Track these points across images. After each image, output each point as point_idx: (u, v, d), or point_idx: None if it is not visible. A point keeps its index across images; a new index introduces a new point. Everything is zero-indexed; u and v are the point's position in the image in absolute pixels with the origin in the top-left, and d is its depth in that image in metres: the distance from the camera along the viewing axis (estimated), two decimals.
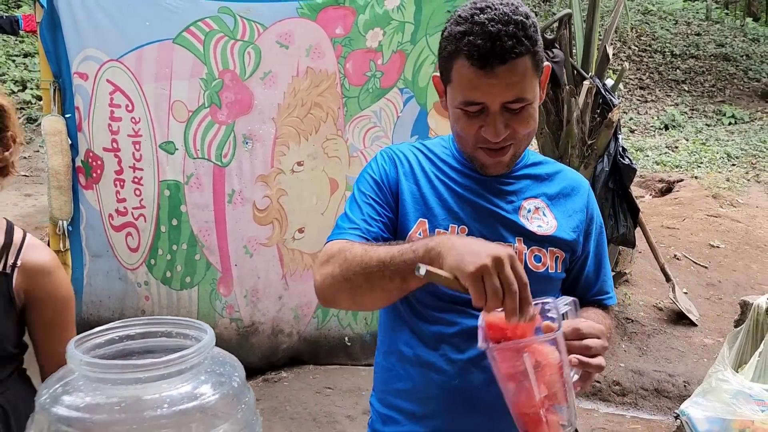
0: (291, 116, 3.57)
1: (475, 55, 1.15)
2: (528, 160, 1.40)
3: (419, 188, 1.34)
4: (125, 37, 3.47)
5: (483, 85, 1.17)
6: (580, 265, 1.41)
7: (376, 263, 1.15)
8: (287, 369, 3.64)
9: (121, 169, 3.55)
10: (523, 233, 1.32)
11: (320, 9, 3.52)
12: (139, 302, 3.63)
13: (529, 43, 1.17)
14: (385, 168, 1.37)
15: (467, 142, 1.27)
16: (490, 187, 1.34)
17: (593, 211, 1.42)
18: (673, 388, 3.65)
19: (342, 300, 1.26)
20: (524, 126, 1.24)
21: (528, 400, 1.06)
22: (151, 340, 1.12)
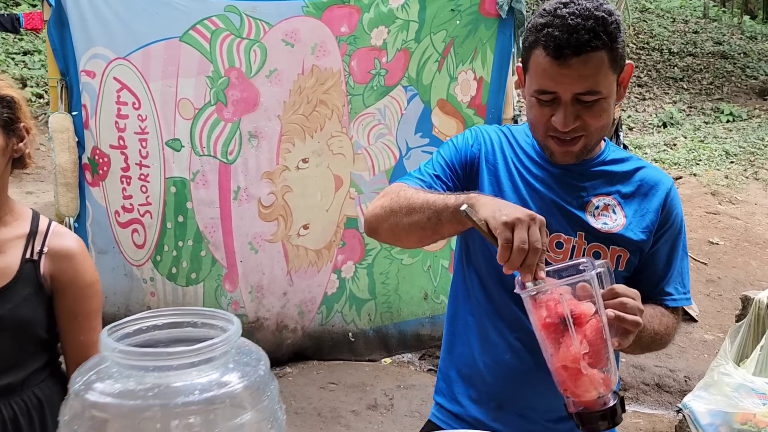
0: (296, 114, 3.60)
1: (551, 45, 1.20)
2: (608, 156, 1.41)
3: (496, 170, 1.40)
4: (132, 36, 3.49)
5: (556, 75, 1.21)
6: (645, 262, 1.40)
7: (421, 202, 1.25)
8: (292, 364, 3.67)
9: (127, 166, 3.58)
10: (586, 229, 1.35)
11: (325, 7, 3.55)
12: (145, 298, 3.66)
13: (607, 39, 1.20)
14: (469, 142, 1.43)
15: (538, 130, 1.32)
16: (562, 181, 1.37)
17: (671, 211, 1.40)
18: (674, 383, 3.70)
19: (383, 230, 1.35)
20: (596, 119, 1.26)
21: (566, 351, 1.07)
22: (178, 330, 1.15)
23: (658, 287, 1.42)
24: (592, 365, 1.07)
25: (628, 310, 1.13)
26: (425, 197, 1.26)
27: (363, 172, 3.71)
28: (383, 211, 1.32)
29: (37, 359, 1.53)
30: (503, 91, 3.72)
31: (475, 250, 1.43)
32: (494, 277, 1.39)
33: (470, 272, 1.46)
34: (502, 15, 3.53)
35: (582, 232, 1.36)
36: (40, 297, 1.51)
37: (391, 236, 1.36)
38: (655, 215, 1.38)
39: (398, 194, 1.31)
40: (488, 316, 1.42)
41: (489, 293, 1.42)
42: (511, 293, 1.27)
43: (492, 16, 3.60)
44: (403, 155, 3.74)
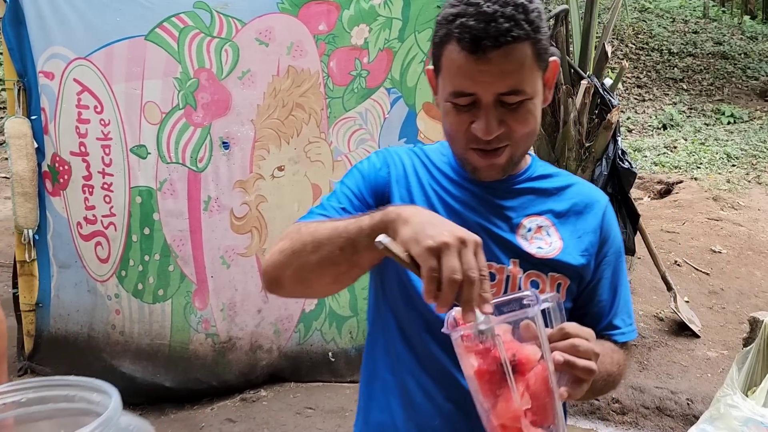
0: (271, 118, 3.36)
1: (466, 37, 1.00)
2: (534, 172, 1.23)
3: (410, 196, 1.19)
4: (94, 34, 3.26)
5: (474, 73, 1.02)
6: (590, 292, 1.22)
7: (329, 231, 1.02)
8: (267, 387, 3.43)
9: (89, 174, 3.33)
10: (520, 255, 1.16)
11: (302, 4, 3.32)
12: (110, 316, 3.41)
13: (529, 28, 1.02)
14: (377, 166, 1.22)
15: (458, 141, 1.12)
16: (488, 201, 1.19)
17: (609, 231, 1.23)
18: (675, 406, 3.45)
19: (287, 278, 1.08)
20: (522, 124, 1.07)
21: (505, 407, 0.89)
22: (50, 405, 0.91)
23: (605, 320, 1.24)
24: (536, 423, 0.89)
25: (580, 354, 0.93)
26: (333, 224, 1.03)
27: None
28: (283, 255, 1.07)
29: None
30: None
31: (392, 288, 1.19)
32: (417, 323, 1.16)
33: (387, 317, 1.22)
34: None
35: (516, 259, 1.16)
36: None
37: (298, 284, 1.09)
38: (594, 236, 1.21)
39: (299, 231, 1.07)
40: (411, 372, 1.18)
41: (411, 343, 1.18)
42: (441, 341, 1.11)
43: None
44: None
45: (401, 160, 1.22)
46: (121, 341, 3.40)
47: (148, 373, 3.36)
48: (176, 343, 3.38)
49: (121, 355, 3.39)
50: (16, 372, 3.54)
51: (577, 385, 0.94)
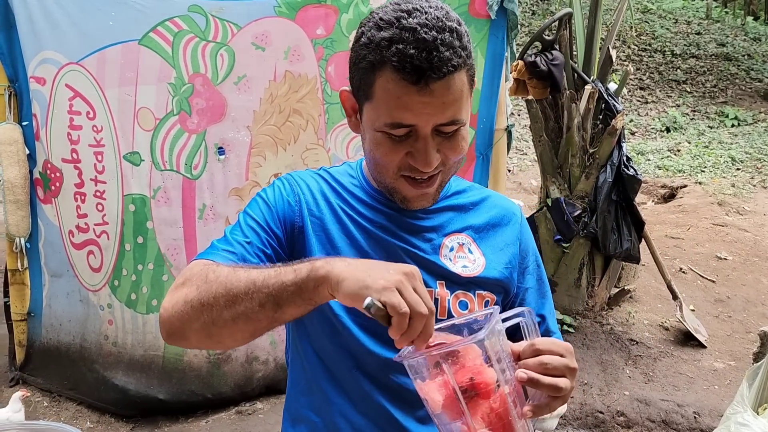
0: (267, 124, 3.28)
1: (407, 67, 0.95)
2: (450, 189, 1.21)
3: (323, 224, 1.13)
4: (86, 39, 3.18)
5: (416, 104, 0.98)
6: (518, 304, 1.22)
7: (244, 284, 0.92)
8: (263, 399, 3.35)
9: (81, 181, 3.26)
10: (446, 276, 1.14)
11: (300, 7, 3.24)
12: (102, 326, 3.34)
13: (465, 55, 1.00)
14: (283, 195, 1.14)
15: (388, 171, 1.07)
16: (406, 224, 1.15)
17: (527, 241, 1.25)
18: (682, 419, 3.37)
19: (192, 332, 0.98)
20: (456, 152, 1.06)
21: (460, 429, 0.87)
22: None
23: (540, 328, 1.18)
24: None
25: (549, 371, 0.90)
26: (248, 277, 0.92)
27: None
28: (189, 307, 0.95)
29: None
30: (495, 98, 3.39)
31: (314, 328, 1.12)
32: (346, 361, 1.10)
33: (310, 357, 1.14)
34: (492, 16, 3.21)
35: (442, 281, 1.13)
36: None
37: (207, 338, 0.98)
38: (515, 248, 1.21)
39: (206, 279, 0.95)
40: (342, 413, 1.11)
41: (340, 383, 1.12)
42: (373, 378, 1.09)
43: (483, 18, 3.28)
44: None
45: (308, 186, 1.16)
46: (114, 352, 3.33)
47: (142, 385, 3.29)
48: (170, 354, 3.30)
49: (114, 366, 3.31)
50: (8, 383, 3.47)
51: (549, 402, 0.91)
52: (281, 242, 1.10)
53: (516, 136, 8.20)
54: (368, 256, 1.10)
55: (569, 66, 4.00)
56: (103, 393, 3.27)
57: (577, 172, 3.99)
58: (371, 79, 1.01)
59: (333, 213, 1.14)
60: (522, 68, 3.84)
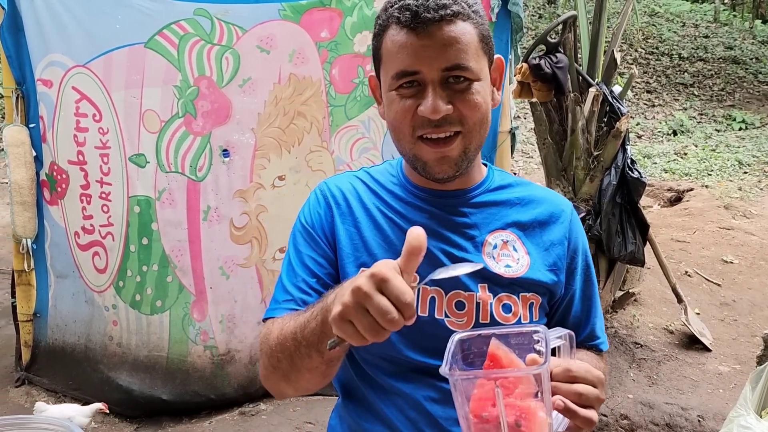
0: (272, 126, 3.30)
1: (406, 14, 0.99)
2: (493, 183, 1.17)
3: (359, 231, 1.13)
4: (93, 42, 3.21)
5: (416, 49, 0.99)
6: (565, 306, 1.17)
7: (291, 342, 0.98)
8: (266, 401, 3.35)
9: (87, 183, 3.29)
10: (488, 278, 1.09)
11: (304, 11, 3.25)
12: (107, 327, 3.36)
13: (469, 9, 1.02)
14: (318, 212, 1.15)
15: (404, 133, 1.05)
16: (446, 221, 1.12)
17: (577, 240, 1.18)
18: (686, 422, 3.35)
19: (285, 389, 1.07)
20: (471, 108, 1.02)
21: None
22: None
23: (585, 331, 1.20)
24: None
25: (582, 402, 0.87)
26: (290, 331, 0.98)
27: None
28: (267, 372, 1.06)
29: None
30: (501, 95, 3.39)
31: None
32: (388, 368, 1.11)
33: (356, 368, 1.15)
34: (494, 18, 3.22)
35: (484, 284, 1.09)
36: None
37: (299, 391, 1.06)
38: (562, 248, 1.15)
39: (269, 345, 1.04)
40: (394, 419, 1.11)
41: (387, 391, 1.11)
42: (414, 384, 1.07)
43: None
44: None
45: (342, 194, 1.16)
46: (118, 353, 3.35)
47: (146, 386, 3.30)
48: (174, 355, 3.32)
49: (119, 366, 3.33)
50: (13, 383, 3.49)
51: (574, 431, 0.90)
52: (330, 258, 1.12)
53: (522, 139, 8.20)
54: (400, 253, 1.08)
55: (573, 69, 4.00)
56: (107, 393, 3.28)
57: (582, 175, 3.99)
58: (381, 41, 1.05)
59: (369, 217, 1.13)
60: (526, 71, 3.85)
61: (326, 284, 1.10)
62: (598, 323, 1.21)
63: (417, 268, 0.95)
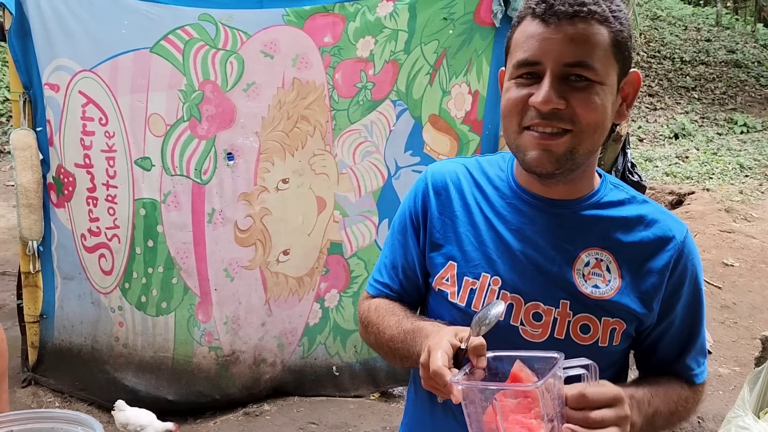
0: (276, 130, 3.34)
1: (542, 5, 0.98)
2: (604, 197, 1.10)
3: (454, 223, 1.13)
4: (99, 46, 3.25)
5: (542, 38, 0.97)
6: (658, 334, 1.12)
7: (387, 347, 1.17)
8: (270, 401, 3.39)
9: (93, 186, 3.33)
10: (573, 295, 1.06)
11: (308, 16, 3.30)
12: (113, 328, 3.40)
13: (610, 13, 0.98)
14: (418, 200, 1.19)
15: (512, 122, 1.02)
16: (544, 229, 1.08)
17: (685, 271, 1.09)
18: (686, 424, 3.38)
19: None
20: (587, 108, 0.97)
21: None
22: None
23: (675, 362, 1.14)
24: None
25: (590, 424, 0.88)
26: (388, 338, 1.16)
27: (348, 193, 3.44)
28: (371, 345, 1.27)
29: None
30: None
31: None
32: None
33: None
34: (497, 24, 3.26)
35: (566, 301, 1.06)
36: None
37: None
38: (660, 277, 1.07)
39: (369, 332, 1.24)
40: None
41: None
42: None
43: (488, 25, 3.33)
44: (391, 175, 3.47)
45: (446, 182, 1.17)
46: (124, 354, 3.39)
47: (151, 386, 3.34)
48: (179, 356, 3.36)
49: (125, 367, 3.37)
50: (20, 383, 3.53)
51: None
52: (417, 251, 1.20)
53: None
54: (493, 263, 1.10)
55: None
56: (113, 393, 3.32)
57: None
58: (513, 33, 1.04)
59: (467, 211, 1.13)
60: None
61: (409, 277, 1.22)
62: (693, 356, 1.14)
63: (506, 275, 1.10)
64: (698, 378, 1.15)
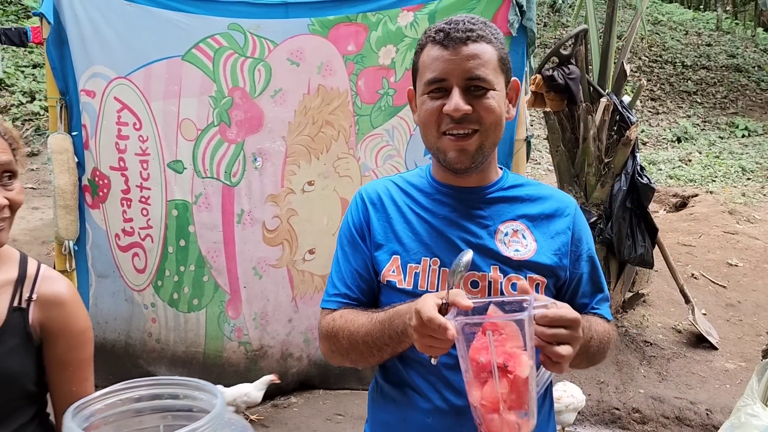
0: (302, 135, 3.49)
1: (440, 34, 1.22)
2: (506, 183, 1.36)
3: (391, 225, 1.34)
4: (133, 54, 3.41)
5: (445, 61, 1.21)
6: (573, 289, 1.35)
7: (363, 345, 1.25)
8: (297, 394, 3.54)
9: (128, 188, 3.48)
10: (499, 260, 1.28)
11: (332, 26, 3.45)
12: (146, 324, 3.55)
13: (492, 36, 1.24)
14: (358, 214, 1.38)
15: (430, 129, 1.26)
16: (465, 213, 1.32)
17: (581, 231, 1.37)
18: (695, 416, 3.53)
19: (345, 364, 1.37)
20: (487, 110, 1.23)
21: (490, 391, 1.03)
22: (158, 402, 1.04)
23: (590, 308, 1.38)
24: (511, 408, 1.03)
25: (556, 339, 1.07)
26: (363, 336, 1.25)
27: None
28: (335, 355, 1.35)
29: (24, 414, 1.41)
30: (515, 110, 3.58)
31: None
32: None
33: None
34: (513, 33, 3.41)
35: (495, 265, 1.28)
36: (28, 348, 1.38)
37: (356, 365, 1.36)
38: (566, 237, 1.34)
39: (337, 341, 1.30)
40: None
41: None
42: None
43: (504, 34, 3.47)
44: None
45: (378, 195, 1.38)
46: (157, 348, 3.53)
47: None
48: (210, 350, 3.51)
49: (158, 361, 3.51)
50: None
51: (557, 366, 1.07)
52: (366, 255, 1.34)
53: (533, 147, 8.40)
54: (429, 248, 1.30)
55: (585, 80, 4.19)
56: None
57: (593, 181, 4.17)
58: (419, 57, 1.28)
59: (399, 213, 1.34)
60: (540, 82, 4.04)
61: (365, 279, 1.34)
62: (602, 302, 1.38)
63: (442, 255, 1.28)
64: (609, 317, 1.40)
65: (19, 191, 1.39)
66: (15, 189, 1.38)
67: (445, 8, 3.44)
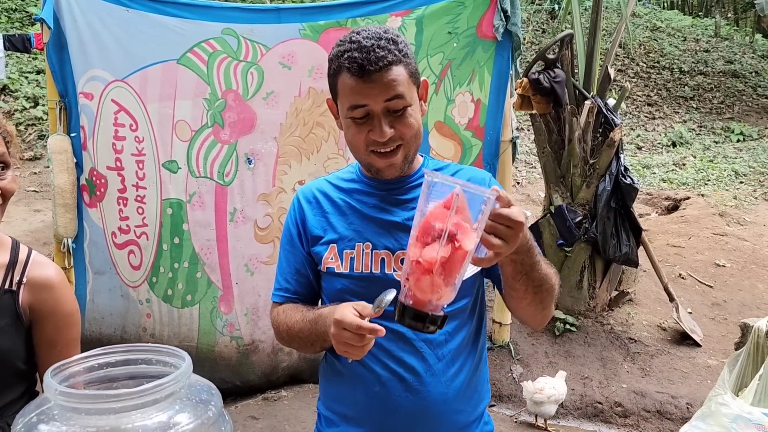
0: (293, 136, 3.60)
1: (354, 66, 1.30)
2: (427, 167, 1.48)
3: (327, 218, 1.48)
4: (130, 58, 3.52)
5: (364, 90, 1.32)
6: None
7: (298, 339, 1.43)
8: (287, 388, 3.64)
9: (124, 187, 3.60)
10: None
11: (322, 30, 3.56)
12: (141, 320, 3.66)
13: (400, 54, 1.33)
14: (294, 215, 1.53)
15: (360, 149, 1.39)
16: (393, 200, 1.46)
17: None
18: (675, 410, 3.62)
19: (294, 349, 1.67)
20: (408, 127, 1.35)
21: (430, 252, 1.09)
22: (132, 367, 1.14)
23: None
24: (441, 275, 1.10)
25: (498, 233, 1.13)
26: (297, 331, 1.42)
27: None
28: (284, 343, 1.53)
29: (14, 390, 1.51)
30: (501, 112, 3.70)
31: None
32: None
33: None
34: (498, 38, 3.52)
35: None
36: (18, 328, 1.49)
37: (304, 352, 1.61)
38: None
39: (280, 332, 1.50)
40: None
41: None
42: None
43: (489, 39, 3.59)
44: None
45: (313, 194, 1.52)
46: (151, 343, 3.63)
47: None
48: (203, 345, 3.61)
49: None
50: None
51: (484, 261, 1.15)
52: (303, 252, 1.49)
53: (525, 150, 8.49)
54: (362, 234, 1.44)
55: (570, 83, 4.30)
56: None
57: (578, 181, 4.27)
58: (335, 81, 1.38)
59: (334, 207, 1.49)
60: (526, 85, 4.14)
61: (303, 274, 1.50)
62: None
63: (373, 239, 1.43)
64: None
65: (12, 180, 1.50)
66: (7, 178, 1.49)
67: (432, 13, 3.56)
